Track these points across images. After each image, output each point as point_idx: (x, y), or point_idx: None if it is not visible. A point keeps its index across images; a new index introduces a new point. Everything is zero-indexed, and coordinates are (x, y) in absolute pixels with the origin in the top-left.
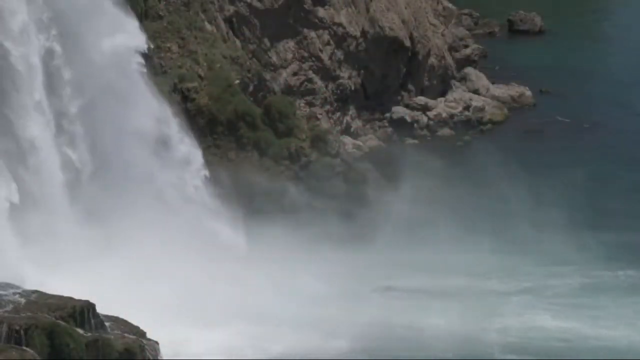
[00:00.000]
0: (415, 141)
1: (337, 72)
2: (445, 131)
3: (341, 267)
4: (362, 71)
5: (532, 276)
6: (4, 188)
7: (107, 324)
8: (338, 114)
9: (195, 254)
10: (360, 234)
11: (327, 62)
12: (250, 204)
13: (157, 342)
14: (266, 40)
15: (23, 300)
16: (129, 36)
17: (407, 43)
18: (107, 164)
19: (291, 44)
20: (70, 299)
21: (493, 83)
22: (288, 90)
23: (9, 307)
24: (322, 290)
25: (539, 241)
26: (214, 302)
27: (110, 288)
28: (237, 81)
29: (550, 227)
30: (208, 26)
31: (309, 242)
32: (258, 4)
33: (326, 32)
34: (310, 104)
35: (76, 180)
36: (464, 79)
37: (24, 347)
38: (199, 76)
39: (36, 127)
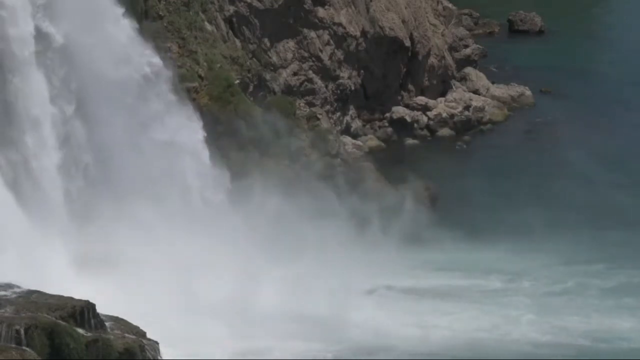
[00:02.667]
0: (416, 141)
1: (337, 72)
2: (445, 131)
3: None
4: (362, 71)
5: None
6: None
7: (107, 324)
8: (338, 114)
9: None
10: None
11: (327, 62)
12: None
13: (157, 342)
14: (266, 40)
15: (23, 301)
16: None
17: (407, 43)
18: None
19: (291, 44)
20: (71, 298)
21: (493, 83)
22: (288, 90)
23: (9, 307)
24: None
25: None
26: None
27: None
28: (237, 81)
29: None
30: (208, 26)
31: None
32: (258, 4)
33: (326, 32)
34: (310, 104)
35: None
36: (464, 79)
37: (24, 347)
38: (199, 76)
39: None
